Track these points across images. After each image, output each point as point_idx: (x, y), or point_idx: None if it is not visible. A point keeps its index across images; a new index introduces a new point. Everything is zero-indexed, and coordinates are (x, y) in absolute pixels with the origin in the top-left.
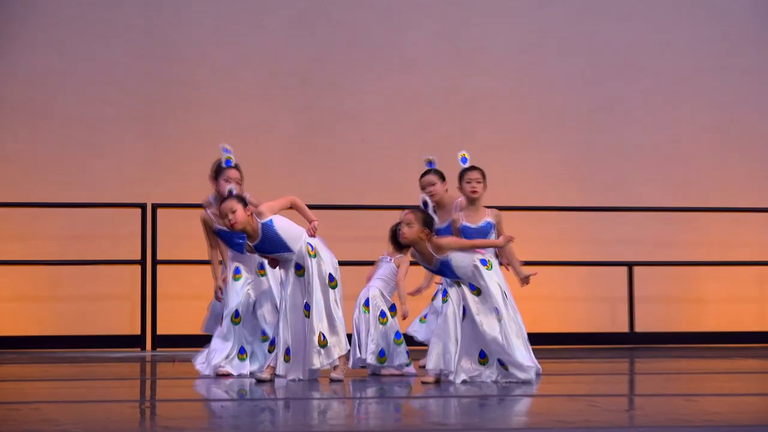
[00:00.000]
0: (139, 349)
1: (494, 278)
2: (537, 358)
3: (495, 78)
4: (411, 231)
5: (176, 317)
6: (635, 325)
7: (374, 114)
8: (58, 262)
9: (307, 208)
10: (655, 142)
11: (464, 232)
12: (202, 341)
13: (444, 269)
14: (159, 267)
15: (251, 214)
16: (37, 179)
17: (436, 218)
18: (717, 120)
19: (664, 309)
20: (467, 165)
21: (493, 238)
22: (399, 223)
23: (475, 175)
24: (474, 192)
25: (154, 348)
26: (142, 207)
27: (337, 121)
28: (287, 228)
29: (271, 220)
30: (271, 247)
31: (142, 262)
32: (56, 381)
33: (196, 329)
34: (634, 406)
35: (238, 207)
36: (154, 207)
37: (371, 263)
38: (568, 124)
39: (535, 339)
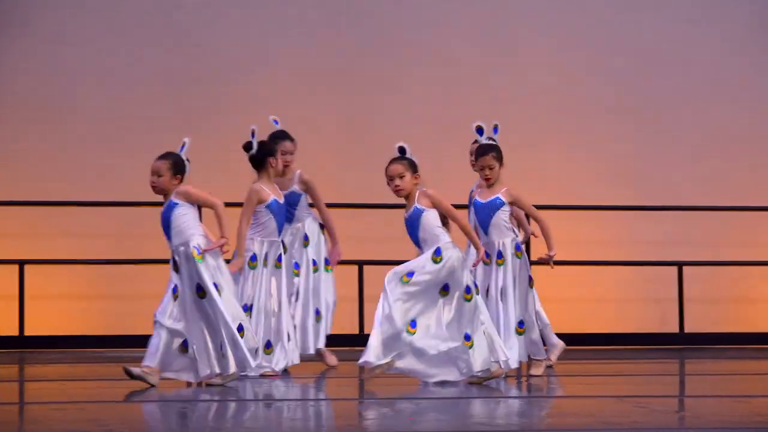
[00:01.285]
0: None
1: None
2: (586, 359)
3: (536, 74)
4: (406, 182)
5: None
6: (685, 325)
7: (413, 111)
8: (105, 261)
9: (224, 221)
10: (705, 139)
11: (474, 206)
12: None
13: (412, 222)
14: None
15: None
16: (84, 178)
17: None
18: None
19: (714, 309)
20: (480, 144)
21: (503, 215)
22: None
23: (485, 161)
24: (488, 179)
25: None
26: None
27: (376, 118)
28: (181, 217)
29: (174, 202)
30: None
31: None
32: (102, 380)
33: None
34: (684, 407)
35: (166, 172)
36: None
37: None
38: (613, 121)
39: (584, 340)
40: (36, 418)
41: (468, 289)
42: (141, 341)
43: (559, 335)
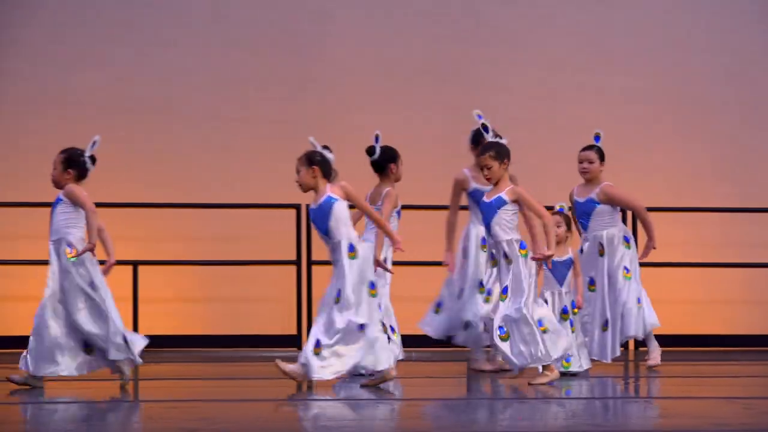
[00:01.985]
0: (294, 349)
1: (356, 268)
2: (695, 360)
3: (639, 75)
4: (303, 177)
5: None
6: None
7: (517, 112)
8: (217, 263)
9: (93, 228)
10: None
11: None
12: None
13: (318, 211)
14: (314, 267)
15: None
16: (193, 181)
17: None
18: None
19: None
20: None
21: (504, 215)
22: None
23: (484, 161)
24: (488, 179)
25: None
26: (297, 208)
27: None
28: (60, 215)
29: (60, 198)
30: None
31: (297, 263)
32: (214, 380)
33: None
34: None
35: (58, 166)
36: (309, 207)
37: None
38: (716, 121)
39: (692, 341)
40: (151, 416)
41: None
42: (251, 341)
43: (669, 337)
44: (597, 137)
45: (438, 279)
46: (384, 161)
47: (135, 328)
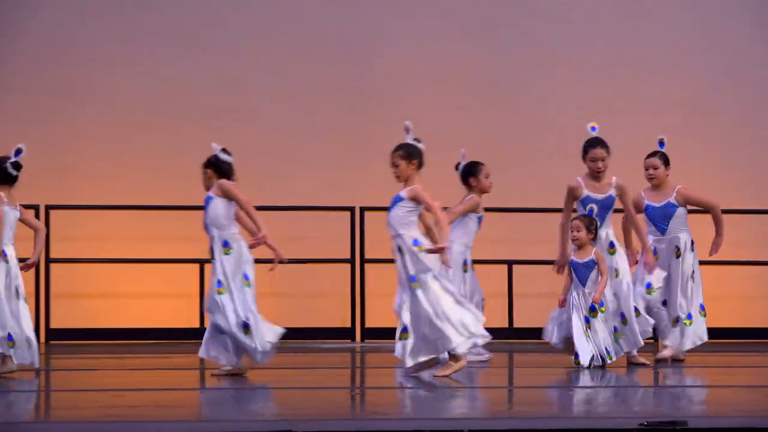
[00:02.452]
0: (349, 341)
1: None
2: (716, 352)
3: (684, 85)
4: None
5: (382, 311)
6: None
7: (567, 123)
8: (272, 261)
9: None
10: None
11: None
12: None
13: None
14: (366, 265)
15: None
16: (255, 185)
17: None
18: None
19: None
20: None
21: (400, 211)
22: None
23: (392, 159)
24: (396, 177)
25: (363, 339)
26: (351, 210)
27: (528, 130)
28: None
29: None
30: None
31: (351, 261)
32: (280, 369)
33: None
34: None
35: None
36: (362, 210)
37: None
38: (749, 128)
39: (714, 334)
40: (220, 400)
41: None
42: (311, 333)
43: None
44: (661, 143)
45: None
46: (464, 176)
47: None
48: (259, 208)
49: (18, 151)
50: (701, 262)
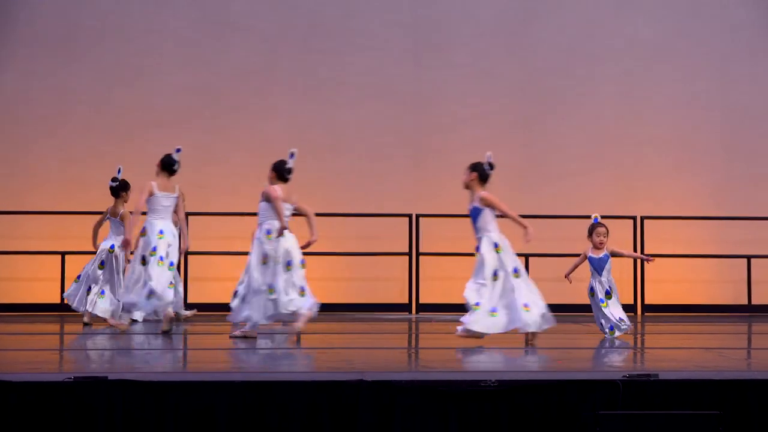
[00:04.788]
0: (407, 313)
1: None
2: (683, 322)
3: (662, 125)
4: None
5: (433, 291)
6: (752, 299)
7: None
8: (357, 254)
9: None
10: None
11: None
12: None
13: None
14: (421, 258)
15: None
16: (333, 194)
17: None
18: None
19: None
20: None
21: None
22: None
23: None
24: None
25: (417, 312)
26: (410, 216)
27: (566, 139)
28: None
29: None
30: None
31: (409, 254)
32: (352, 334)
33: (453, 299)
34: (751, 356)
35: None
36: (418, 216)
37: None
38: (710, 153)
39: (684, 309)
40: (311, 357)
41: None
42: (379, 308)
43: (670, 306)
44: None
45: None
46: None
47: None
48: (341, 215)
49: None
50: (675, 256)
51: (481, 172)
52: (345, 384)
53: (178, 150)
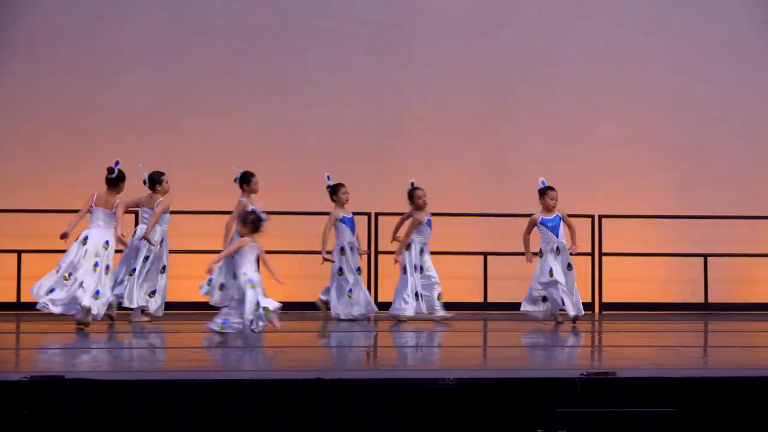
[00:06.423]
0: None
1: None
2: (642, 320)
3: (619, 123)
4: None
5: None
6: (708, 298)
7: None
8: (310, 252)
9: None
10: (725, 170)
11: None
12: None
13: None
14: (380, 256)
15: None
16: (295, 192)
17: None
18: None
19: (729, 286)
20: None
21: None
22: None
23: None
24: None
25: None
26: (368, 215)
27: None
28: None
29: None
30: None
31: (368, 252)
32: (311, 333)
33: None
34: (707, 354)
35: None
36: (377, 215)
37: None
38: (668, 158)
39: (642, 307)
40: (270, 356)
41: None
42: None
43: (630, 304)
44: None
45: None
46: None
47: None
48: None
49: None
50: (632, 254)
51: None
52: (304, 383)
53: (117, 163)
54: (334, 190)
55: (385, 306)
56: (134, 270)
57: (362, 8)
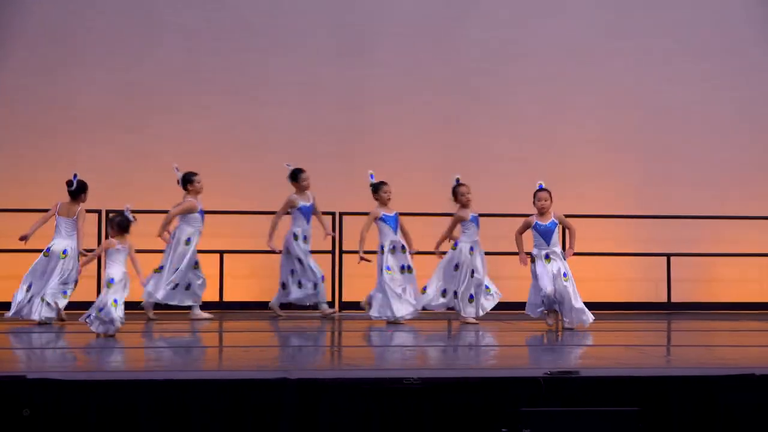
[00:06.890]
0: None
1: None
2: (606, 320)
3: (584, 126)
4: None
5: (357, 289)
6: (672, 297)
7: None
8: (275, 252)
9: None
10: (686, 171)
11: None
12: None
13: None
14: (344, 255)
15: None
16: (259, 192)
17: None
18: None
19: (692, 286)
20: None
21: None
22: None
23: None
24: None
25: (341, 310)
26: (333, 214)
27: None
28: None
29: None
30: None
31: (332, 252)
32: (276, 332)
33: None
34: (670, 353)
35: None
36: (341, 214)
37: None
38: (630, 160)
39: (606, 307)
40: (232, 357)
41: None
42: None
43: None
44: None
45: None
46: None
47: None
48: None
49: None
50: (596, 254)
51: None
52: (269, 382)
53: (75, 176)
54: (376, 189)
55: (348, 306)
56: (162, 267)
57: (326, 8)
